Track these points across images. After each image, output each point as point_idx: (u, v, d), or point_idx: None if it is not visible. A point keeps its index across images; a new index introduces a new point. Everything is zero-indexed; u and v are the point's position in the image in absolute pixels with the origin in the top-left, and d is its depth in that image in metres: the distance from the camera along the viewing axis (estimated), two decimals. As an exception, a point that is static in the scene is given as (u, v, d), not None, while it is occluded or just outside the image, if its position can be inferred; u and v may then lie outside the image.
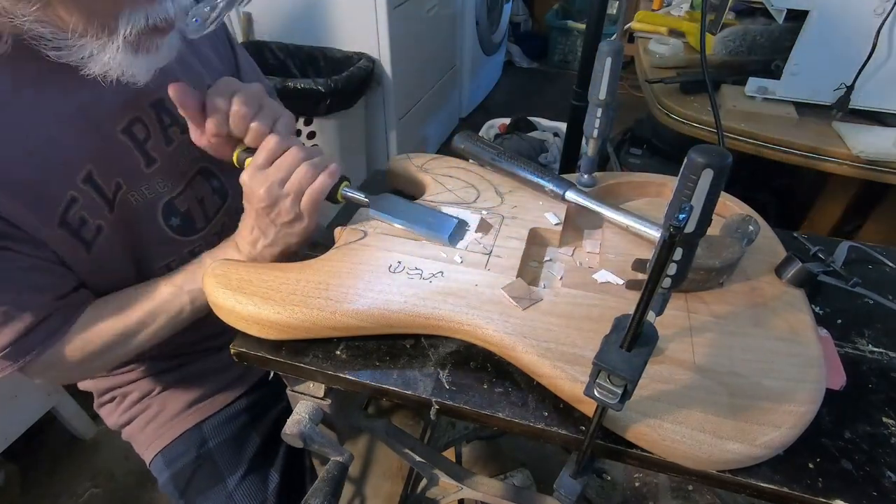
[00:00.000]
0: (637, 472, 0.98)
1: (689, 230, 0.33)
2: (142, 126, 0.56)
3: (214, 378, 0.73)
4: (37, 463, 1.25)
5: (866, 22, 0.83)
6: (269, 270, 0.49)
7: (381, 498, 1.20)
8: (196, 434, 0.70)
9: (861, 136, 0.87)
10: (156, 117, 0.57)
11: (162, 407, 0.71)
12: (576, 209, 0.59)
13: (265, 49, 1.75)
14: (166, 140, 0.58)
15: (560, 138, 1.95)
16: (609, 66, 0.51)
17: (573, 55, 3.14)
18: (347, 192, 0.55)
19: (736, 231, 0.51)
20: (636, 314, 0.28)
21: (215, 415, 0.72)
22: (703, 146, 0.32)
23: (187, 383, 0.71)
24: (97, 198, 0.52)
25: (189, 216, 0.62)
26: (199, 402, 0.72)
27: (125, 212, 0.55)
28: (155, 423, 0.71)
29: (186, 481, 0.68)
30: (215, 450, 0.70)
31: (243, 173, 0.51)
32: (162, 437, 0.70)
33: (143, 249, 0.59)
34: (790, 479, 0.38)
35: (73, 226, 0.51)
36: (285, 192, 0.50)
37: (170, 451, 0.70)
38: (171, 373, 0.71)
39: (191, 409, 0.71)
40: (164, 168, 0.58)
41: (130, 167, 0.55)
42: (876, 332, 0.50)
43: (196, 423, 0.71)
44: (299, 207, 0.51)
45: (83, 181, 0.51)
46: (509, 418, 0.42)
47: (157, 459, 0.70)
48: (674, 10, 1.47)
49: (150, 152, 0.57)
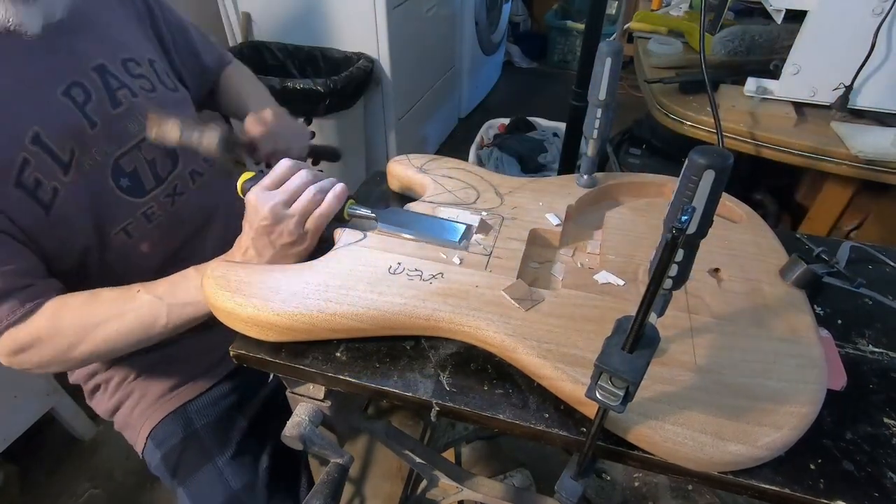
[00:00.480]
0: (637, 473, 0.98)
1: (690, 231, 0.33)
2: (81, 90, 0.58)
3: (196, 361, 0.72)
4: (36, 463, 1.25)
5: (865, 22, 0.83)
6: (269, 272, 0.49)
7: (381, 499, 1.20)
8: (181, 416, 0.71)
9: (860, 136, 0.87)
10: (100, 81, 0.60)
11: (144, 391, 0.71)
12: (576, 210, 0.59)
13: (265, 49, 1.75)
14: (113, 103, 0.61)
15: (559, 138, 1.95)
16: (609, 66, 0.51)
17: (572, 55, 3.14)
18: (354, 210, 0.55)
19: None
20: (638, 316, 0.28)
21: (199, 397, 0.72)
22: (705, 147, 0.31)
23: (167, 366, 0.71)
24: (49, 159, 0.54)
25: (136, 175, 0.63)
26: (181, 385, 0.72)
27: (80, 175, 0.57)
28: (141, 405, 0.71)
29: (176, 461, 0.68)
30: (202, 430, 0.70)
31: (249, 193, 0.52)
32: (150, 419, 0.70)
33: (100, 213, 0.60)
34: (792, 480, 0.38)
35: (29, 187, 0.53)
36: (290, 213, 0.50)
37: (159, 432, 0.70)
38: (148, 354, 0.70)
39: (173, 393, 0.71)
40: (108, 130, 0.60)
41: (76, 130, 0.57)
42: (876, 333, 0.50)
43: (181, 405, 0.71)
44: (303, 229, 0.51)
45: (31, 142, 0.53)
46: (510, 420, 0.42)
47: (148, 442, 0.71)
48: (673, 10, 1.47)
49: (91, 115, 0.58)
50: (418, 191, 0.63)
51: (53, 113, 0.55)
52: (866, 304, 0.54)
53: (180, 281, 0.56)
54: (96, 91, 0.59)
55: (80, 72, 0.58)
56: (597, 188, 0.61)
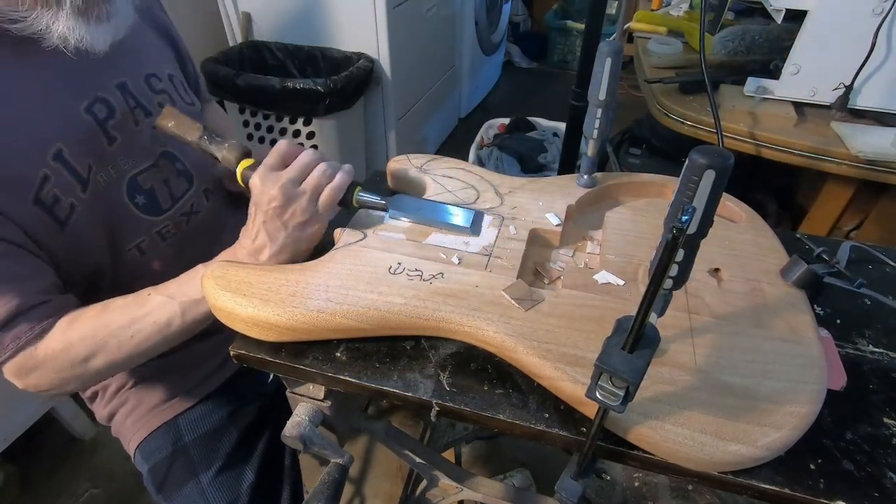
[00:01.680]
0: (637, 472, 0.98)
1: (691, 231, 0.33)
2: (104, 105, 0.57)
3: (191, 371, 0.72)
4: (36, 463, 1.25)
5: (865, 22, 0.83)
6: (269, 272, 0.48)
7: (381, 499, 1.20)
8: (172, 428, 0.70)
9: (860, 136, 0.87)
10: (122, 98, 0.59)
11: (139, 400, 0.71)
12: (576, 210, 0.59)
13: (265, 49, 1.75)
14: (134, 120, 0.60)
15: (559, 138, 1.95)
16: (609, 66, 0.51)
17: (572, 55, 3.15)
18: (363, 196, 0.54)
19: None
20: (638, 316, 0.28)
21: (192, 408, 0.71)
22: (705, 147, 0.31)
23: (163, 375, 0.71)
24: (69, 176, 0.53)
25: (153, 194, 0.63)
26: (175, 395, 0.71)
27: (96, 191, 0.56)
28: (133, 416, 0.71)
29: (163, 476, 0.68)
30: (191, 445, 0.69)
31: (254, 175, 0.50)
32: (140, 431, 0.70)
33: (113, 229, 0.59)
34: (792, 480, 0.38)
35: (47, 203, 0.51)
36: (301, 189, 0.50)
37: (147, 445, 0.70)
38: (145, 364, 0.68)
39: (167, 403, 0.71)
40: (127, 146, 0.59)
41: (96, 146, 0.56)
42: (876, 333, 0.50)
43: (173, 417, 0.70)
44: (316, 206, 0.50)
45: (53, 158, 0.52)
46: (510, 420, 0.42)
47: (137, 454, 0.70)
48: (673, 10, 1.47)
49: (111, 131, 0.57)
50: (418, 191, 0.63)
51: (75, 129, 0.54)
52: (866, 305, 0.54)
53: (189, 279, 0.54)
54: (119, 107, 0.58)
55: (105, 87, 0.57)
56: (597, 188, 0.61)
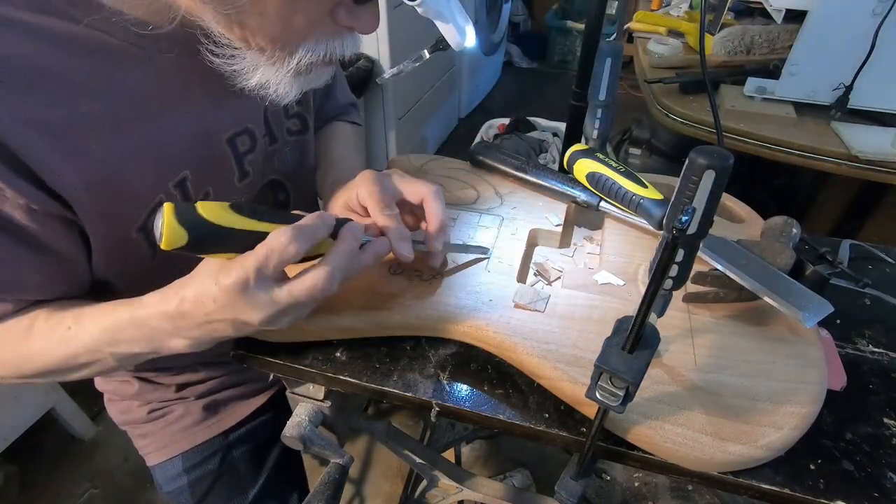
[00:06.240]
0: (637, 473, 0.98)
1: (691, 231, 0.33)
2: (248, 137, 0.52)
3: (241, 386, 0.71)
4: (36, 463, 1.25)
5: (865, 22, 0.83)
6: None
7: (381, 499, 1.20)
8: (220, 442, 0.68)
9: (860, 136, 0.87)
10: (265, 129, 0.55)
11: (186, 411, 0.68)
12: (576, 210, 0.59)
13: (264, 49, 1.75)
14: (265, 153, 0.56)
15: (559, 138, 1.95)
16: (609, 67, 0.51)
17: (572, 55, 3.15)
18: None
19: (781, 235, 0.49)
20: (638, 316, 0.28)
21: (240, 424, 0.70)
22: (705, 147, 0.31)
23: (214, 391, 0.69)
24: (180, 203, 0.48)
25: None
26: (224, 409, 0.69)
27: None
28: (177, 425, 0.68)
29: (206, 491, 0.66)
30: (239, 459, 0.68)
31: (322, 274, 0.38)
32: (181, 442, 0.67)
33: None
34: (791, 480, 0.38)
35: (149, 228, 0.47)
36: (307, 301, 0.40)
37: (190, 457, 0.67)
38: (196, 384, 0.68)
39: (215, 417, 0.69)
40: (254, 183, 0.55)
41: (224, 178, 0.52)
42: (876, 333, 0.50)
43: (222, 432, 0.69)
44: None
45: (175, 185, 0.47)
46: (510, 420, 0.42)
47: (172, 463, 0.67)
48: (673, 10, 1.47)
49: (246, 165, 0.53)
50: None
51: (210, 160, 0.49)
52: (866, 305, 0.54)
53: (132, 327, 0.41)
54: (261, 138, 0.54)
55: (253, 118, 0.53)
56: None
